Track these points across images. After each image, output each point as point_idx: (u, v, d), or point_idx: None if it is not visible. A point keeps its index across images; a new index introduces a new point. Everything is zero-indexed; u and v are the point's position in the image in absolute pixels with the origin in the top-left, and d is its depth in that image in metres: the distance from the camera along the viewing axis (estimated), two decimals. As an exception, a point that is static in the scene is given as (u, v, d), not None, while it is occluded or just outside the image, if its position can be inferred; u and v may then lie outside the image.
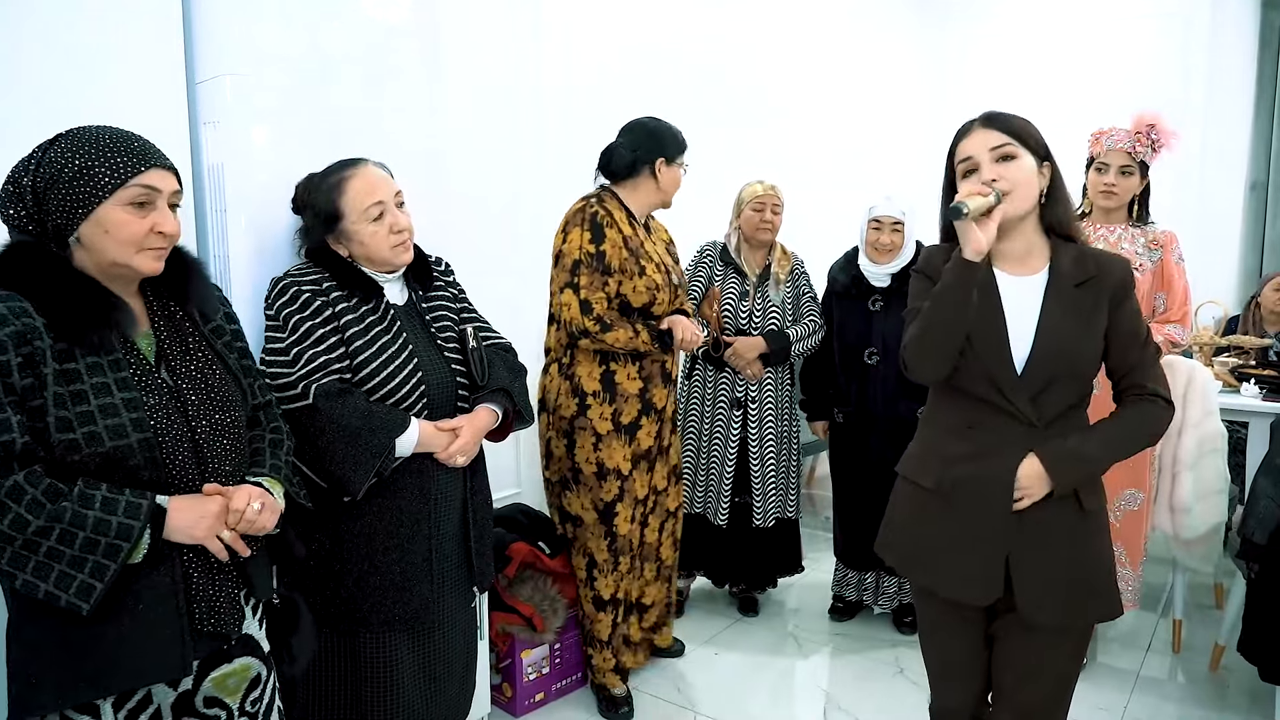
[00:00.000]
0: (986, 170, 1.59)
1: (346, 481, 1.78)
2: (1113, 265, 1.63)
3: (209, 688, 1.42)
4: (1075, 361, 1.59)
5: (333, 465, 1.77)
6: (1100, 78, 4.75)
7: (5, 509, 1.21)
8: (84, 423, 1.28)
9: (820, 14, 4.71)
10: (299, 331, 1.81)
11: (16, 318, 1.26)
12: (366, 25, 2.24)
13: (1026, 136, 1.61)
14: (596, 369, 2.54)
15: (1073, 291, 1.61)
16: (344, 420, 1.77)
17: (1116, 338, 1.62)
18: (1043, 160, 1.62)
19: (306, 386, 1.78)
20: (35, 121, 1.41)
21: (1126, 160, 2.73)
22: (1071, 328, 1.59)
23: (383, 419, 1.81)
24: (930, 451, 1.72)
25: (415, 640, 1.95)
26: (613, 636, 2.72)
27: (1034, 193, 1.60)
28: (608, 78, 3.38)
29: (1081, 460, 1.60)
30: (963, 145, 1.64)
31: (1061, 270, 1.62)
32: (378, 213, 1.85)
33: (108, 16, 1.77)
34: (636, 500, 2.64)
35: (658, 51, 3.65)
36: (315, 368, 1.80)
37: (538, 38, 3.04)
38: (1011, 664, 1.70)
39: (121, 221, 1.32)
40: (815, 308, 3.26)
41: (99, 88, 1.75)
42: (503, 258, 2.83)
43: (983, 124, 1.63)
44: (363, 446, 1.77)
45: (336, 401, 1.78)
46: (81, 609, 1.24)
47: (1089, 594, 1.64)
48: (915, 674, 2.92)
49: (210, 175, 1.94)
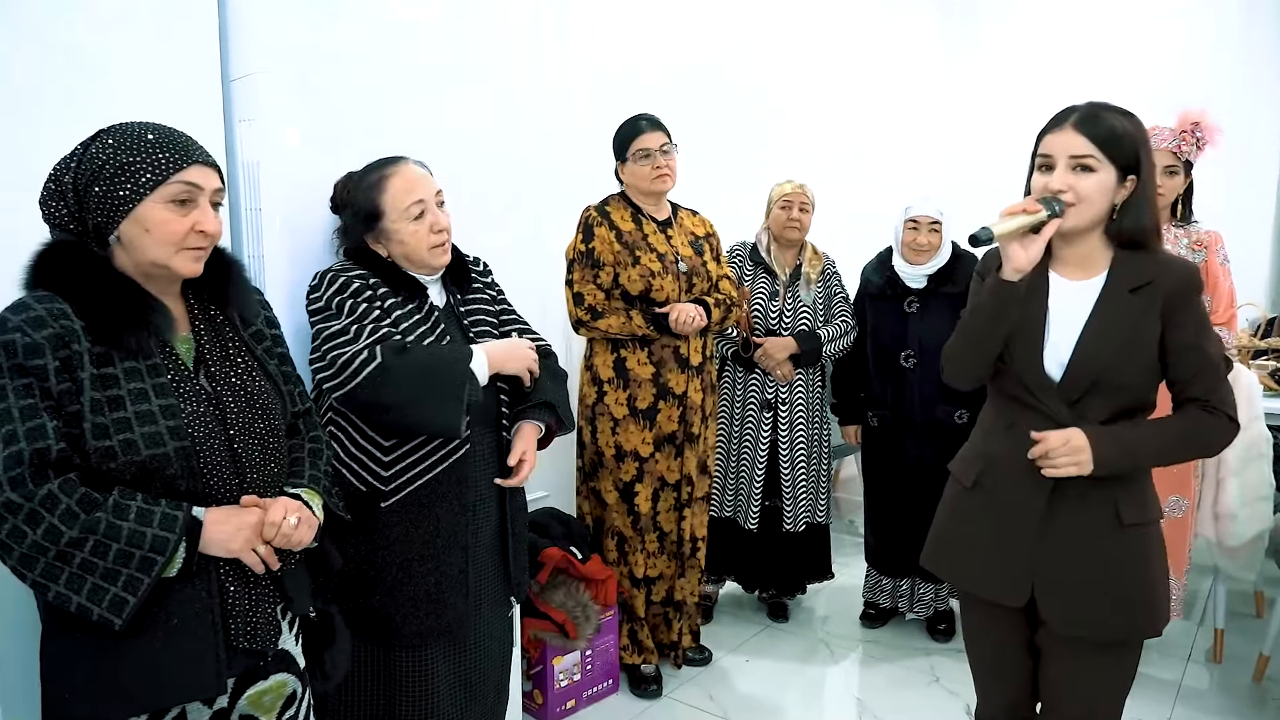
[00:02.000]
0: (1058, 178, 1.51)
1: (443, 423, 1.73)
2: (1173, 270, 1.54)
3: (244, 706, 1.38)
4: (1117, 369, 1.52)
5: (421, 411, 1.72)
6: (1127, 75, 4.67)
7: (38, 519, 1.16)
8: (120, 430, 1.23)
9: (847, 12, 4.66)
10: (357, 312, 1.77)
11: (55, 320, 1.21)
12: (398, 24, 2.23)
13: (1115, 146, 1.50)
14: (609, 357, 2.68)
15: (1126, 297, 1.54)
16: (417, 364, 1.73)
17: (1174, 347, 1.54)
18: (1127, 173, 1.51)
19: (372, 349, 1.72)
20: (74, 119, 1.37)
21: (1172, 160, 2.65)
22: (1117, 334, 1.52)
23: (448, 354, 1.79)
24: (975, 450, 1.72)
25: (451, 652, 1.91)
26: (649, 614, 2.79)
27: (1101, 208, 1.52)
28: (637, 76, 3.33)
29: (1119, 441, 1.52)
30: (1048, 139, 1.55)
31: (1120, 276, 1.55)
32: (418, 211, 1.81)
33: (144, 14, 1.74)
34: (664, 482, 2.72)
35: (686, 51, 3.60)
36: (380, 336, 1.76)
37: (564, 37, 3.00)
38: (1053, 675, 1.66)
39: (162, 220, 1.27)
40: (847, 308, 3.20)
41: (136, 85, 1.72)
42: (533, 258, 2.80)
43: (1075, 125, 1.52)
44: (445, 378, 1.73)
45: (402, 355, 1.74)
46: (114, 624, 1.20)
47: (1123, 608, 1.57)
48: (951, 682, 2.87)
49: (245, 173, 1.90)
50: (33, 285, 1.27)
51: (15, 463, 1.16)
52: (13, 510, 1.16)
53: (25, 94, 1.59)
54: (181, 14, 1.81)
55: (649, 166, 2.63)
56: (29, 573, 1.19)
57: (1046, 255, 1.60)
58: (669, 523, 2.75)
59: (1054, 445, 1.52)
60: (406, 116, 2.20)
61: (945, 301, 2.95)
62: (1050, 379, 1.56)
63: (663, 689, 2.80)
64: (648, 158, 2.62)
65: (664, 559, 2.77)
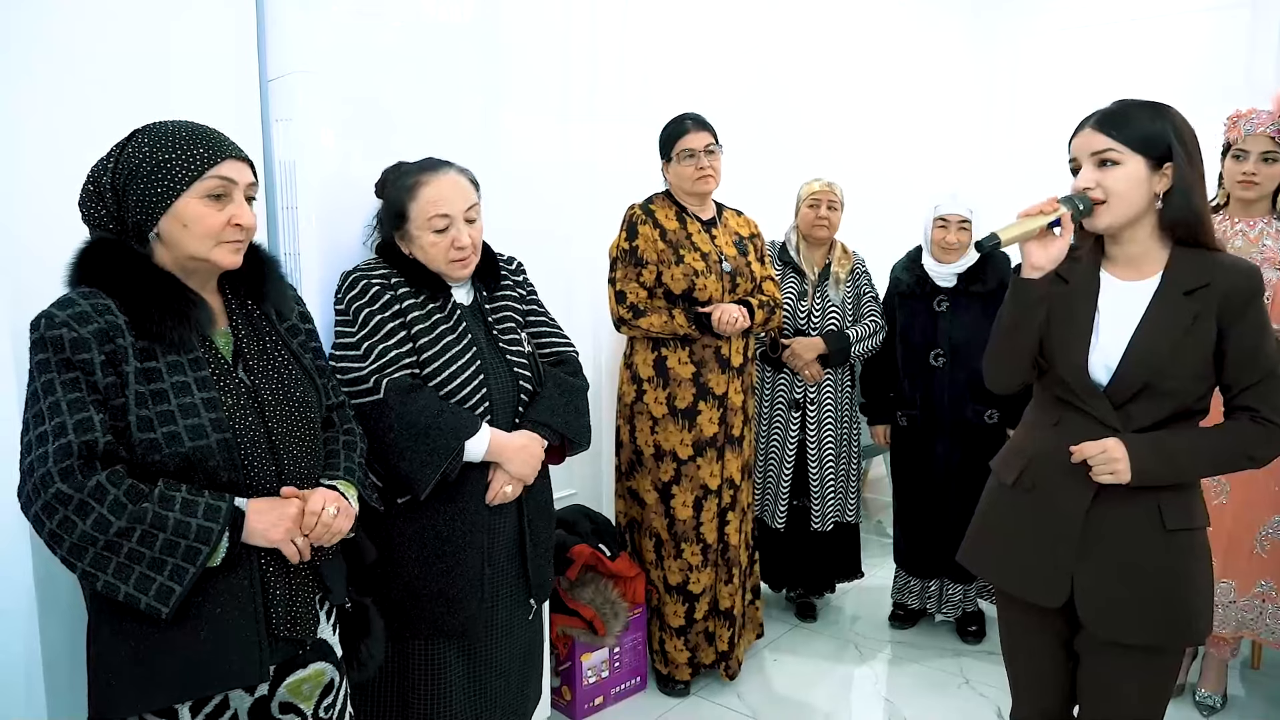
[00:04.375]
0: (1083, 176, 1.51)
1: (412, 480, 1.75)
2: (1232, 272, 1.49)
3: (284, 693, 1.41)
4: (1168, 374, 1.49)
5: (399, 462, 1.74)
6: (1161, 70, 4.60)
7: (88, 509, 1.19)
8: (164, 422, 1.26)
9: (877, 9, 4.63)
10: (369, 325, 1.78)
11: (100, 315, 1.24)
12: (432, 25, 2.25)
13: (1138, 137, 1.47)
14: (650, 355, 2.66)
15: (1181, 300, 1.50)
16: (413, 417, 1.74)
17: (1230, 353, 1.49)
18: (1162, 162, 1.48)
19: (378, 381, 1.75)
20: (112, 120, 1.40)
21: (1269, 145, 2.45)
22: (1169, 339, 1.49)
23: (452, 420, 1.77)
24: (1018, 447, 1.69)
25: (464, 649, 1.90)
26: (688, 630, 2.72)
27: (1137, 200, 1.49)
28: (663, 76, 3.33)
29: (1160, 451, 1.49)
30: (1073, 143, 1.55)
31: (1175, 277, 1.51)
32: (442, 225, 1.80)
33: (182, 15, 1.77)
34: (706, 489, 2.67)
35: (714, 50, 3.60)
36: (386, 362, 1.77)
37: (594, 37, 3.02)
38: (1090, 679, 1.64)
39: (199, 214, 1.30)
40: (876, 308, 3.19)
41: (174, 85, 1.75)
42: (564, 257, 2.82)
43: (1093, 124, 1.51)
44: (431, 446, 1.74)
45: (407, 398, 1.75)
46: (161, 612, 1.23)
47: (1162, 613, 1.55)
48: (981, 685, 2.84)
49: (282, 172, 1.93)
50: (76, 282, 1.30)
51: (65, 455, 1.19)
52: (63, 501, 1.19)
53: (63, 96, 1.62)
54: (220, 15, 1.83)
55: (692, 167, 2.61)
56: (79, 562, 1.21)
57: (1100, 255, 1.59)
58: (711, 532, 2.70)
59: (1090, 454, 1.50)
60: (439, 116, 2.22)
61: (975, 300, 2.93)
62: (1096, 382, 1.54)
63: (690, 688, 2.80)
64: (692, 158, 2.61)
65: (708, 571, 2.72)
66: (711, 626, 2.76)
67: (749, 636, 2.97)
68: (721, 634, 2.77)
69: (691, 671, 2.77)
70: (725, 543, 2.74)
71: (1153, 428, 1.52)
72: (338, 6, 2.01)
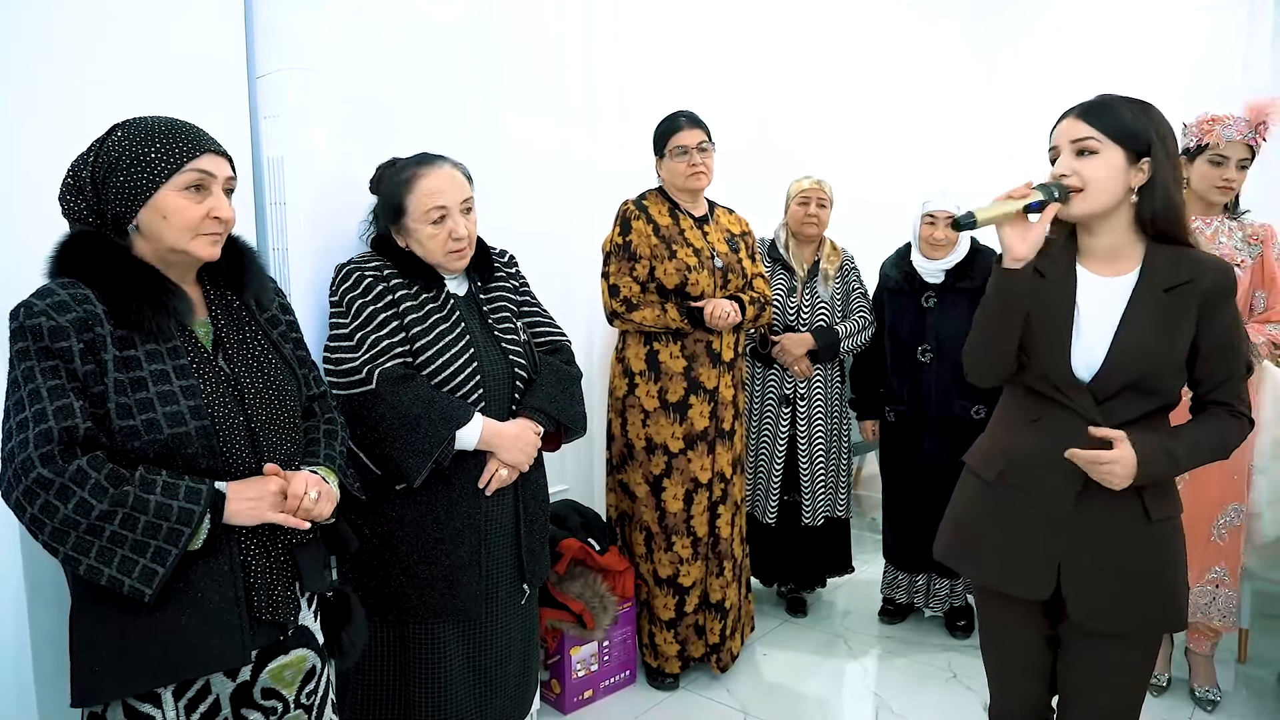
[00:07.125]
0: (1061, 163, 1.52)
1: (404, 468, 1.78)
2: (1210, 270, 1.51)
3: (266, 679, 1.42)
4: (1153, 372, 1.50)
5: (392, 451, 1.77)
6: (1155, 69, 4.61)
7: (69, 493, 1.21)
8: (143, 410, 1.28)
9: (869, 7, 4.64)
10: (362, 316, 1.81)
11: (78, 304, 1.27)
12: (424, 24, 2.27)
13: (1118, 128, 1.49)
14: (642, 349, 2.68)
15: (1162, 297, 1.51)
16: (405, 407, 1.76)
17: (1205, 349, 1.52)
18: (1140, 156, 1.50)
19: (370, 371, 1.78)
20: (99, 116, 1.41)
21: (1246, 154, 2.49)
22: (1154, 336, 1.50)
23: (444, 409, 1.80)
24: (996, 443, 1.69)
25: (464, 632, 1.94)
26: (678, 623, 2.74)
27: (1113, 191, 1.50)
28: (658, 74, 3.35)
29: (1169, 458, 1.51)
30: (1054, 132, 1.57)
31: (1153, 273, 1.53)
32: (438, 216, 1.84)
33: (170, 11, 1.79)
34: (697, 483, 2.70)
35: (713, 50, 3.62)
36: (379, 352, 1.80)
37: (589, 35, 3.03)
38: (1073, 671, 1.65)
39: (178, 207, 1.32)
40: (865, 304, 3.21)
41: (161, 82, 1.77)
42: (559, 252, 2.84)
43: (1075, 114, 1.53)
44: (422, 434, 1.77)
45: (400, 387, 1.78)
46: (144, 594, 1.24)
47: (1148, 602, 1.57)
48: (969, 679, 2.86)
49: (270, 169, 1.95)
50: (56, 273, 1.32)
51: (45, 440, 1.21)
52: (44, 486, 1.21)
53: (50, 91, 1.64)
54: (208, 12, 1.85)
55: (685, 163, 2.64)
56: (61, 547, 1.23)
57: (1074, 249, 1.60)
58: (701, 526, 2.73)
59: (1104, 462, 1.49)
60: (436, 115, 2.23)
61: (963, 297, 2.94)
62: (1078, 378, 1.54)
63: (680, 681, 2.82)
64: (684, 154, 2.63)
65: (698, 564, 2.74)
66: (702, 620, 2.78)
67: (744, 630, 2.99)
68: (712, 627, 2.79)
69: (681, 665, 2.79)
70: (716, 536, 2.76)
71: (1133, 422, 1.53)
72: (333, 5, 2.02)
